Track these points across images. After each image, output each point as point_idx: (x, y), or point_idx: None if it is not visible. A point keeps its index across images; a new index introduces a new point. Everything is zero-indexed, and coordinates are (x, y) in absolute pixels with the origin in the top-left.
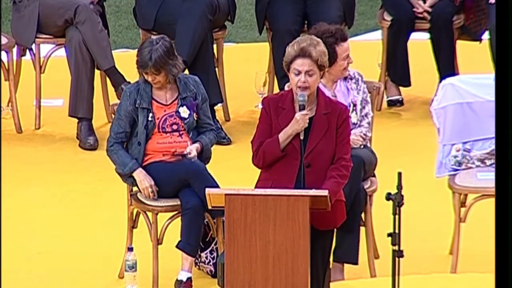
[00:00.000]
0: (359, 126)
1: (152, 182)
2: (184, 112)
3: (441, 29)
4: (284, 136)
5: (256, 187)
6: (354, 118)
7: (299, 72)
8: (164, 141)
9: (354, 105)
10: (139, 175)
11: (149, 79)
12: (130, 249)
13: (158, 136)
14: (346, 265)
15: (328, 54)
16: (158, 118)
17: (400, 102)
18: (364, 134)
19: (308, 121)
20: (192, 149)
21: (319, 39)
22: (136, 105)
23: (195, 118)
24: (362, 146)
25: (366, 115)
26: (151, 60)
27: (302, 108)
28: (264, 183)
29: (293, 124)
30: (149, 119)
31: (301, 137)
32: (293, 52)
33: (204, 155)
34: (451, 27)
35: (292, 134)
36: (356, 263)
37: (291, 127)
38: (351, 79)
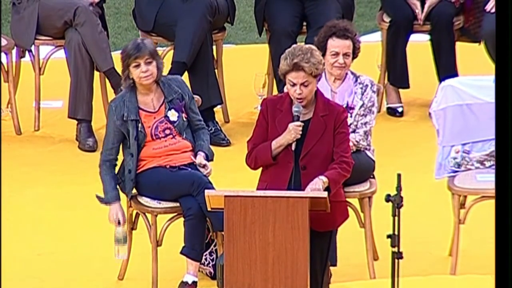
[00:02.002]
0: (354, 132)
1: (120, 219)
2: (173, 115)
3: (442, 30)
4: (276, 144)
5: (256, 189)
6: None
7: (294, 84)
8: (160, 146)
9: (351, 108)
10: (112, 209)
11: (141, 70)
12: (119, 223)
13: (152, 143)
14: (345, 266)
15: (322, 46)
16: (149, 127)
17: (399, 113)
18: (356, 141)
19: (301, 132)
20: (201, 160)
21: (313, 48)
22: (124, 119)
23: (185, 119)
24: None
25: (365, 123)
26: (145, 46)
27: (296, 119)
28: (261, 184)
29: (286, 134)
30: (139, 130)
31: (293, 148)
32: (287, 67)
33: (209, 158)
34: (452, 29)
35: (284, 144)
36: (335, 264)
37: (284, 137)
38: (360, 83)
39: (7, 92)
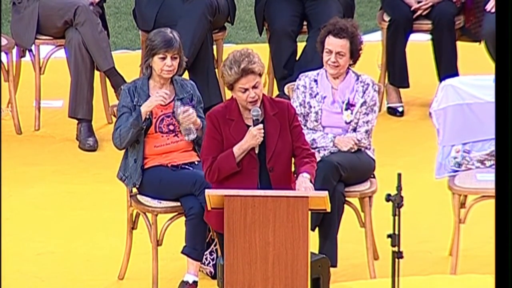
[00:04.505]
0: (355, 130)
1: (164, 94)
2: None
3: (444, 30)
4: (239, 151)
5: None
6: (347, 117)
7: (246, 89)
8: (161, 143)
9: (352, 105)
10: (146, 105)
11: (166, 63)
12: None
13: (154, 139)
14: (345, 266)
15: (322, 42)
16: (155, 118)
17: (400, 113)
18: (358, 140)
19: (263, 135)
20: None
21: (250, 49)
22: (134, 103)
23: None
24: (352, 150)
25: (367, 122)
26: (176, 41)
27: (256, 122)
28: None
29: (249, 139)
30: (147, 116)
31: (256, 151)
32: (235, 75)
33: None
34: (453, 28)
35: (247, 149)
36: (335, 265)
37: (247, 142)
38: (361, 82)
39: (7, 91)
